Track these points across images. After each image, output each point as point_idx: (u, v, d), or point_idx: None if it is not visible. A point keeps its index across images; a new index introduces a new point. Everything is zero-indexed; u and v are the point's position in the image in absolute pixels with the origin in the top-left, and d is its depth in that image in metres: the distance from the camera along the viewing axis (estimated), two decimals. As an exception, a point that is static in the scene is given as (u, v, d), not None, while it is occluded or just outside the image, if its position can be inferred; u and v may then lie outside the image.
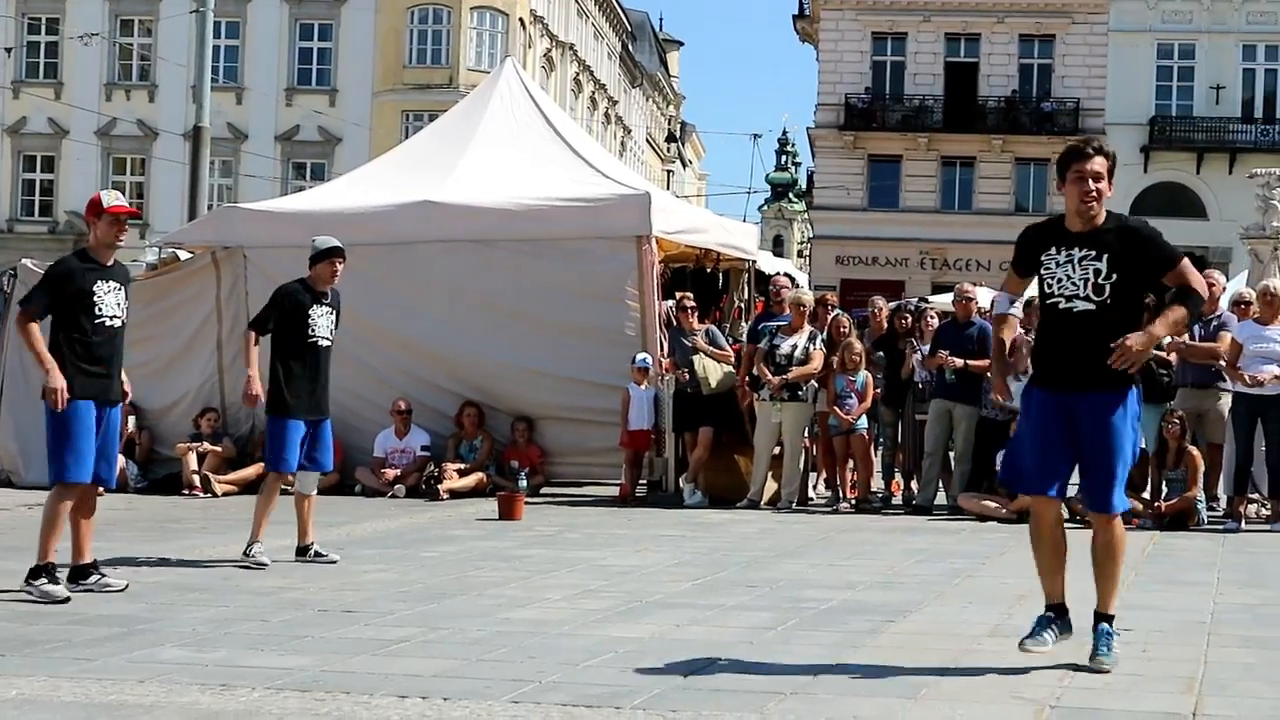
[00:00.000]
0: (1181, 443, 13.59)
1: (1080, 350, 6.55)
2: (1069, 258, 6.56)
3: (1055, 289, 6.59)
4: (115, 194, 9.20)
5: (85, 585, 8.84)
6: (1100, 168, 6.56)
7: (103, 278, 8.87)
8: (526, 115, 18.02)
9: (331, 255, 10.56)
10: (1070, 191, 6.58)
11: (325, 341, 10.53)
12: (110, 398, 8.93)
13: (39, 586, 8.50)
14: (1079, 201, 6.55)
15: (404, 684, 6.21)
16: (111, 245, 8.97)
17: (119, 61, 52.43)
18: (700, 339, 15.68)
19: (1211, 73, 50.47)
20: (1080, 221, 6.59)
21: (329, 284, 10.61)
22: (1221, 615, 8.40)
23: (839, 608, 8.46)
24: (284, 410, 10.39)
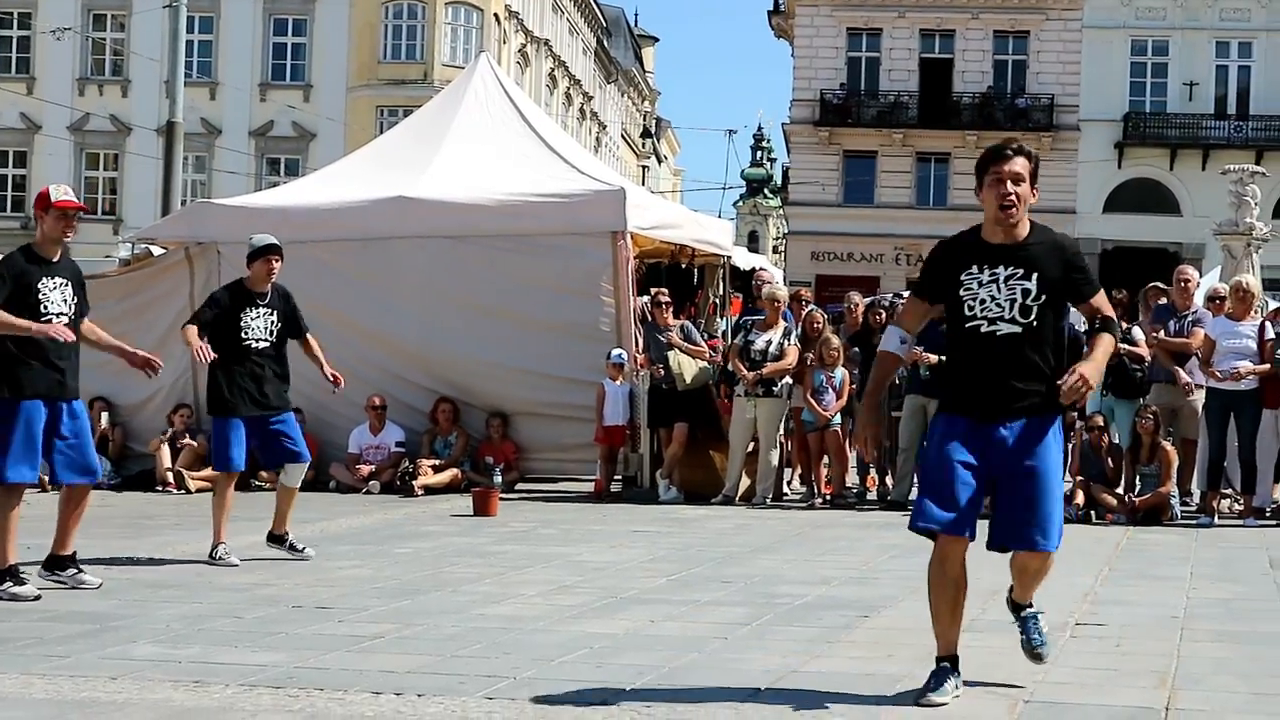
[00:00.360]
0: (1155, 438, 13.64)
1: (1005, 376, 5.89)
2: (993, 277, 5.87)
3: (977, 311, 5.89)
4: (64, 188, 8.97)
5: (59, 577, 8.78)
6: (1021, 169, 5.85)
7: (49, 274, 8.68)
8: (501, 111, 18.00)
9: (267, 253, 10.38)
10: (988, 196, 5.87)
11: (262, 343, 10.31)
12: (64, 394, 8.73)
13: (6, 590, 8.41)
14: (997, 207, 5.84)
15: (378, 680, 6.19)
16: (59, 240, 8.78)
17: (92, 56, 52.20)
18: (675, 335, 15.68)
19: (1185, 69, 50.62)
20: (1001, 232, 5.89)
21: (266, 283, 10.40)
22: (1195, 610, 8.43)
23: (814, 603, 8.46)
24: (224, 410, 10.27)
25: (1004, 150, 5.91)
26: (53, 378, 8.66)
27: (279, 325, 10.44)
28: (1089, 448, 14.03)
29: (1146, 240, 49.04)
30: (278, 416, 10.39)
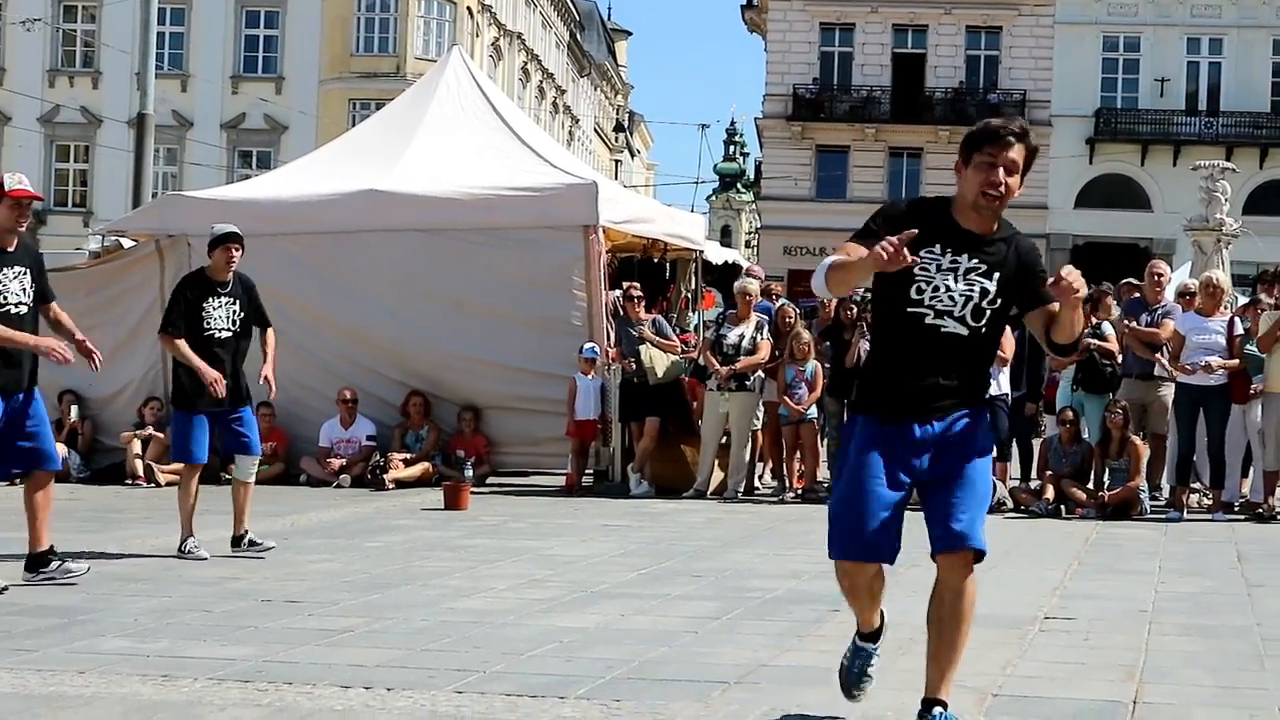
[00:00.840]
0: (1124, 433, 13.68)
1: (937, 377, 5.17)
2: (954, 265, 5.11)
3: (926, 299, 5.10)
4: (19, 176, 8.85)
5: (46, 573, 8.72)
6: (1017, 158, 5.11)
7: (6, 264, 8.62)
8: (474, 104, 17.97)
9: (227, 241, 10.33)
10: (972, 177, 5.07)
11: (225, 333, 10.23)
12: (18, 387, 8.66)
13: None
14: (979, 192, 5.05)
15: (347, 674, 6.18)
16: (13, 229, 8.69)
17: (62, 47, 51.95)
18: (647, 329, 15.68)
19: (1156, 65, 50.81)
20: (975, 219, 5.12)
21: (226, 272, 10.32)
22: (1163, 604, 8.46)
23: (784, 597, 8.47)
24: (186, 404, 10.21)
25: (1004, 133, 5.08)
26: (10, 373, 8.60)
27: (241, 315, 10.36)
28: (1059, 442, 14.08)
29: (1117, 236, 49.22)
30: (235, 412, 10.29)
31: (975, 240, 5.12)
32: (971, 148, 5.10)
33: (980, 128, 5.14)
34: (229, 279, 10.35)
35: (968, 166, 5.09)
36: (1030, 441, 15.58)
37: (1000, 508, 13.79)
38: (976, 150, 5.07)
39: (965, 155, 5.11)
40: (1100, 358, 14.43)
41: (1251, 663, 6.76)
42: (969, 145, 5.12)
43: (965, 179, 5.11)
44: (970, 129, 5.19)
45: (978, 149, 5.07)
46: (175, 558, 9.96)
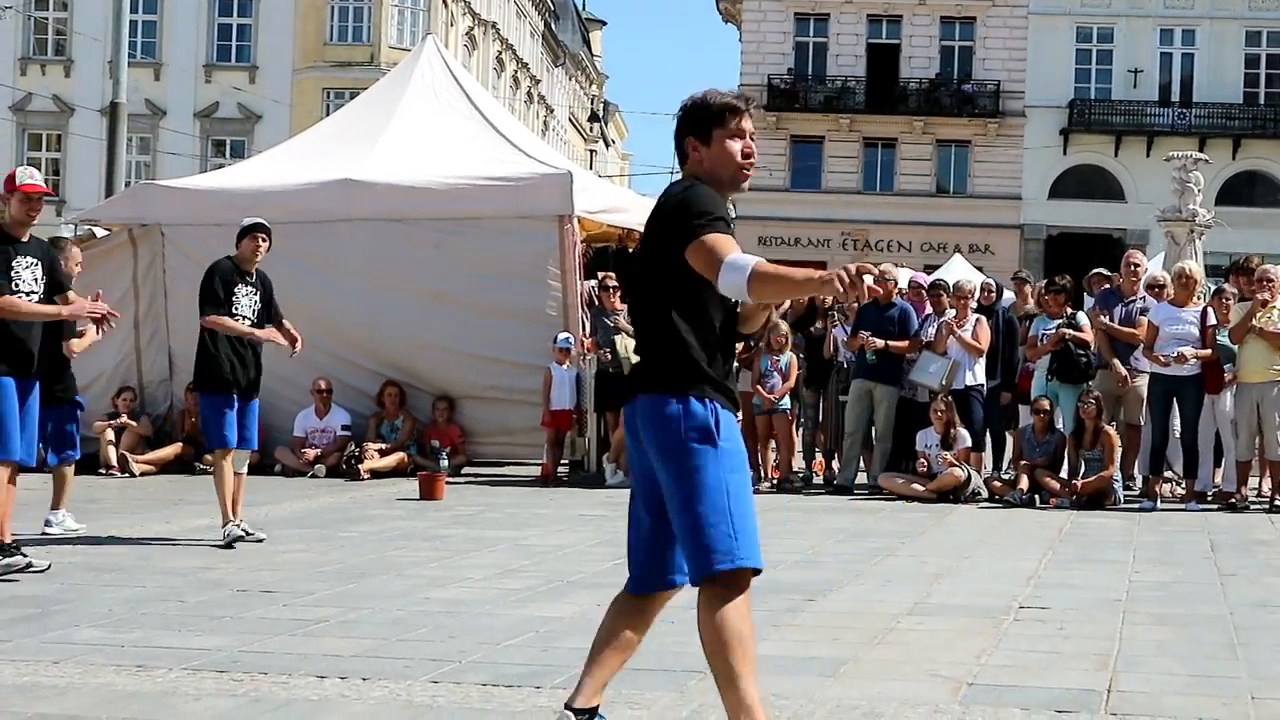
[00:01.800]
0: (1098, 423, 13.72)
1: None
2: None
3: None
4: (31, 171, 9.17)
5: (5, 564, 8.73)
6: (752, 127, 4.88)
7: (20, 253, 8.83)
8: (448, 93, 17.93)
9: (253, 231, 10.59)
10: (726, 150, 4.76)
11: (248, 322, 10.49)
12: (30, 374, 8.87)
13: None
14: (739, 167, 4.80)
15: (323, 664, 6.18)
16: (24, 223, 8.95)
17: (34, 35, 51.67)
18: (622, 319, 15.66)
19: (1129, 56, 50.95)
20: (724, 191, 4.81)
21: (252, 261, 10.60)
22: (1136, 593, 8.50)
23: (759, 587, 8.38)
24: (215, 387, 10.36)
25: (746, 104, 4.83)
26: (24, 358, 8.81)
27: (260, 307, 10.60)
28: (1032, 432, 14.12)
29: (1091, 226, 49.37)
30: (248, 402, 10.52)
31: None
32: (713, 122, 4.76)
33: (719, 101, 4.79)
34: (253, 270, 10.57)
35: (712, 142, 4.77)
36: (1004, 431, 15.62)
37: (975, 498, 13.84)
38: (719, 124, 4.76)
39: (704, 131, 4.77)
40: (1075, 348, 14.47)
41: (1224, 651, 6.79)
42: (710, 120, 4.76)
43: (715, 154, 4.77)
44: (697, 104, 4.81)
45: (720, 122, 4.76)
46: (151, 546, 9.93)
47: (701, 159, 4.78)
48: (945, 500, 13.73)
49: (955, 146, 51.61)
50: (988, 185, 51.30)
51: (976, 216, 50.38)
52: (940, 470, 13.92)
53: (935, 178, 51.83)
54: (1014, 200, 50.99)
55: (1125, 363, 14.28)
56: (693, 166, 4.81)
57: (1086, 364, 14.42)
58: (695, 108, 4.79)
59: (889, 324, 14.64)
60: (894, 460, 14.55)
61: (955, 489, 13.85)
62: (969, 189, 51.58)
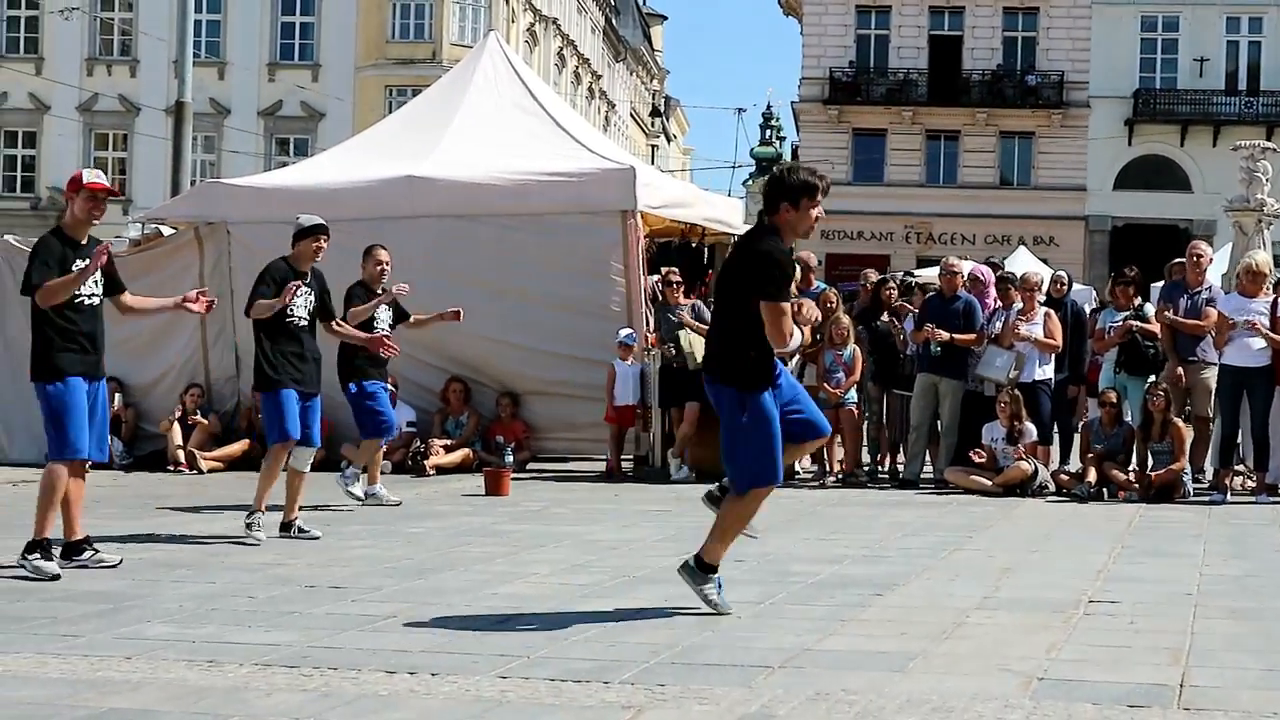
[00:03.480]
0: (1167, 415, 13.59)
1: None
2: None
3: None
4: (97, 172, 9.17)
5: (79, 561, 8.83)
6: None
7: (80, 256, 8.81)
8: (510, 90, 17.95)
9: (315, 233, 10.64)
10: (805, 219, 7.27)
11: (304, 321, 10.57)
12: (97, 374, 8.94)
13: (32, 561, 8.50)
14: (810, 225, 7.36)
15: (391, 659, 6.20)
16: (88, 222, 8.91)
17: (100, 36, 52.15)
18: (686, 314, 15.65)
19: (1195, 45, 50.49)
20: (793, 238, 7.40)
21: (311, 262, 10.67)
22: (1207, 587, 8.41)
23: (826, 581, 8.46)
24: (272, 383, 10.41)
25: (816, 185, 7.26)
26: (89, 358, 8.84)
27: (314, 305, 10.69)
28: (1099, 424, 14.01)
29: (1157, 217, 48.99)
30: (309, 400, 10.57)
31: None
32: (803, 194, 7.23)
33: (802, 180, 7.27)
34: (308, 270, 10.65)
35: (796, 210, 7.23)
36: (1071, 425, 15.51)
37: (1042, 491, 13.75)
38: (808, 196, 7.24)
39: (794, 200, 7.21)
40: (1143, 339, 14.35)
41: (1298, 646, 6.72)
42: (800, 192, 7.22)
43: (799, 219, 7.28)
44: (798, 181, 7.26)
45: (810, 196, 7.24)
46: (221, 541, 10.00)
47: (790, 220, 7.22)
48: (1012, 494, 13.65)
49: (1019, 138, 51.33)
50: (1052, 177, 50.98)
51: (1041, 208, 50.09)
52: (1007, 464, 13.83)
53: (998, 170, 51.55)
54: (1078, 192, 50.65)
55: (1191, 354, 14.12)
56: (779, 220, 7.23)
57: (1155, 356, 14.29)
58: (798, 183, 7.23)
59: (954, 317, 14.55)
60: (960, 454, 14.45)
61: (1022, 482, 13.76)
62: (1033, 181, 51.28)
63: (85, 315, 8.84)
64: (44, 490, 8.77)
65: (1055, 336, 14.41)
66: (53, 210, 47.78)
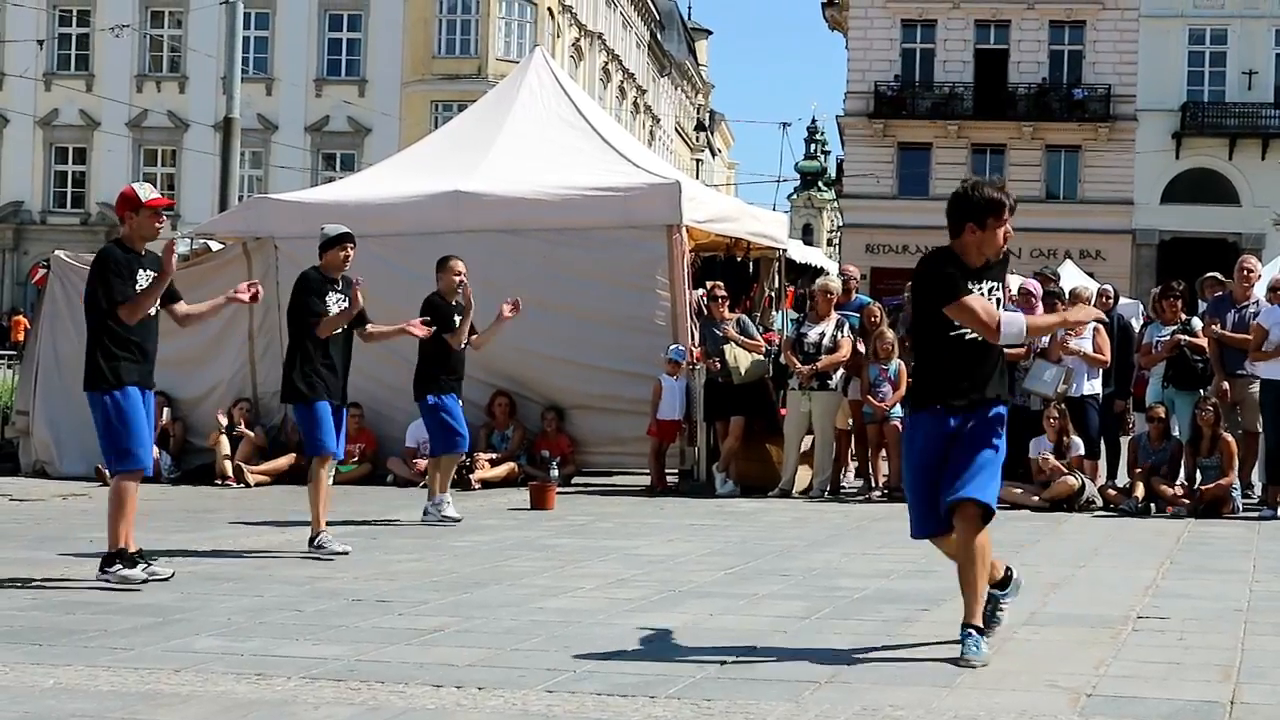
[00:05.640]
0: (1215, 429, 13.49)
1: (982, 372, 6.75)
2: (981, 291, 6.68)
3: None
4: (149, 187, 9.26)
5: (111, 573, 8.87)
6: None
7: (142, 267, 8.94)
8: (556, 104, 17.99)
9: (342, 241, 10.69)
10: (994, 237, 6.64)
11: (338, 330, 10.55)
12: (149, 384, 9.03)
13: (116, 573, 8.60)
14: (997, 248, 6.69)
15: (438, 673, 6.21)
16: (150, 237, 9.06)
17: (149, 53, 52.64)
18: (731, 328, 15.64)
19: (1244, 58, 50.21)
20: (980, 262, 6.70)
21: (341, 270, 10.68)
22: (1258, 603, 8.35)
23: (872, 596, 8.44)
24: (309, 396, 10.41)
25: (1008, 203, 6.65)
26: (142, 369, 8.94)
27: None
28: (1147, 439, 13.93)
29: (1205, 231, 48.71)
30: (339, 412, 10.58)
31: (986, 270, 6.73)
32: (987, 213, 6.60)
33: (988, 199, 6.62)
34: (339, 279, 10.65)
35: (982, 229, 6.62)
36: (1119, 439, 15.42)
37: (1089, 506, 13.68)
38: (993, 215, 6.60)
39: (979, 220, 6.61)
40: (1190, 353, 14.26)
41: (1350, 663, 6.66)
42: (983, 212, 6.61)
43: (986, 239, 6.65)
44: (968, 200, 6.67)
45: (996, 214, 6.61)
46: (268, 556, 10.05)
47: (975, 241, 6.65)
48: (1059, 509, 13.58)
49: (1065, 152, 51.15)
50: (1099, 190, 50.76)
51: (1087, 222, 49.88)
52: (1054, 478, 13.76)
53: (1045, 183, 51.37)
54: (1126, 205, 50.41)
55: (1239, 368, 14.02)
56: (963, 242, 6.68)
57: (1203, 370, 14.19)
58: (983, 200, 6.64)
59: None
60: (1006, 468, 14.35)
61: (1069, 497, 13.69)
62: (1079, 194, 51.08)
63: (143, 325, 8.92)
64: (113, 503, 8.80)
65: (1104, 351, 14.34)
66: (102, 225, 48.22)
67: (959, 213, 6.68)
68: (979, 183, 6.75)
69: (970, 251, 6.66)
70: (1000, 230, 6.63)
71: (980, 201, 6.63)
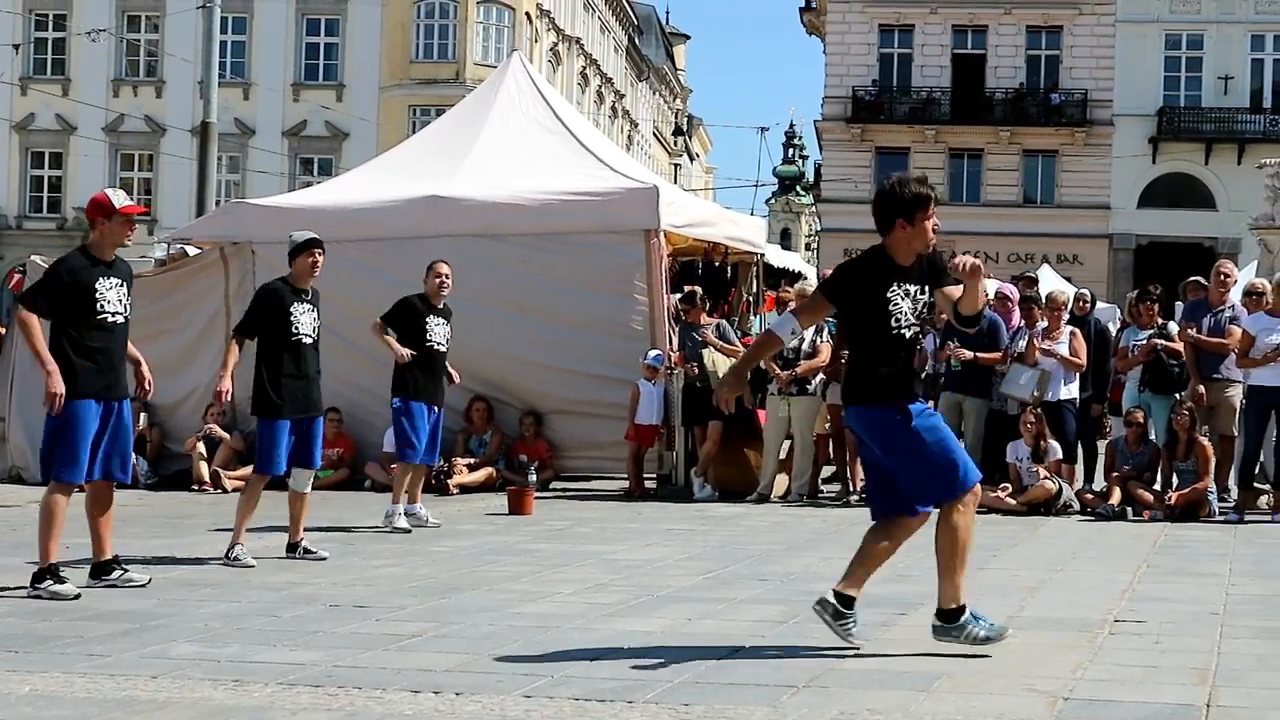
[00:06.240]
0: (1191, 434, 13.55)
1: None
2: (907, 293, 6.78)
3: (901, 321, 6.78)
4: (123, 194, 9.13)
5: (109, 580, 8.83)
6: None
7: (104, 274, 8.79)
8: (534, 109, 17.99)
9: (310, 247, 10.47)
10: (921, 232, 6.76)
11: (308, 339, 10.39)
12: (116, 394, 8.85)
13: (47, 588, 8.46)
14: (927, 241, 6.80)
15: (416, 679, 6.21)
16: (118, 244, 8.93)
17: (126, 57, 52.46)
18: (709, 333, 15.66)
19: (1220, 63, 50.40)
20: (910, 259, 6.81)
21: (310, 277, 10.49)
22: (1234, 606, 8.38)
23: (850, 601, 8.43)
24: (273, 412, 10.26)
25: (931, 195, 6.82)
26: (105, 379, 8.74)
27: (319, 323, 10.53)
28: (1125, 443, 13.97)
29: (1181, 235, 48.86)
30: (312, 423, 10.44)
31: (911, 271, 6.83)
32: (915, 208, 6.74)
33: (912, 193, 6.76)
34: (309, 287, 10.49)
35: (910, 225, 6.73)
36: (1095, 443, 15.46)
37: (1066, 510, 13.71)
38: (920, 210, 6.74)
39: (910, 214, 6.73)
40: (1167, 357, 14.31)
41: (1325, 666, 6.68)
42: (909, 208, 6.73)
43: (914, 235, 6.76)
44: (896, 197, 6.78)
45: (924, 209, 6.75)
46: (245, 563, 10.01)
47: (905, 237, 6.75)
48: (1036, 513, 13.61)
49: (1042, 156, 51.28)
50: (1076, 195, 50.90)
51: (1064, 227, 50.03)
52: (1031, 483, 13.79)
53: (1022, 188, 51.51)
54: (1102, 210, 50.56)
55: (1214, 372, 14.07)
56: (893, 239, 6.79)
57: (1179, 374, 14.24)
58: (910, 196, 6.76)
59: (978, 335, 14.51)
60: (984, 472, 14.38)
61: (1046, 501, 13.72)
62: (1056, 199, 51.22)
63: (106, 333, 8.77)
64: (43, 516, 8.68)
65: (1080, 355, 14.38)
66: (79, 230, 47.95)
67: (888, 209, 6.79)
68: (903, 178, 6.87)
69: (900, 248, 6.77)
70: (928, 224, 6.75)
71: (909, 197, 6.75)
